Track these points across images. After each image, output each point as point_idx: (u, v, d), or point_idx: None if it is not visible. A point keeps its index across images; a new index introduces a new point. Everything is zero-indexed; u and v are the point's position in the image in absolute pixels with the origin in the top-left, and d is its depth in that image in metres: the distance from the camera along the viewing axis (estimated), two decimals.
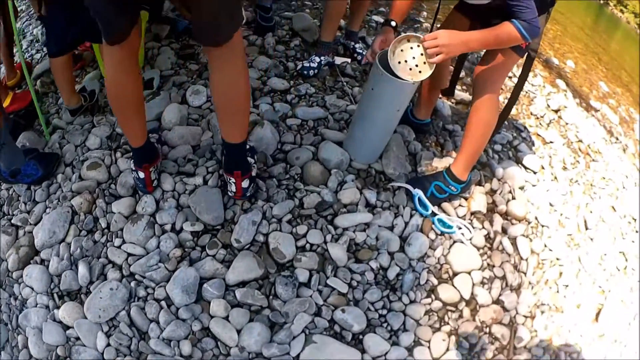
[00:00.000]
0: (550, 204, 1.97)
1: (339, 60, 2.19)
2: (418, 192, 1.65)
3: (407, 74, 1.44)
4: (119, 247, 1.41)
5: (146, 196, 1.48)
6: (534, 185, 2.01)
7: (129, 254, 1.40)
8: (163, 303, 1.34)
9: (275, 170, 1.60)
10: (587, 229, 1.98)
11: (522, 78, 1.66)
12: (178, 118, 1.68)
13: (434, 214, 1.66)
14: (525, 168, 2.09)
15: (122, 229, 1.43)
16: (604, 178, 2.31)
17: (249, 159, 1.52)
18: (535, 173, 2.08)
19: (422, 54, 1.41)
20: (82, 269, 1.38)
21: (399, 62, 1.43)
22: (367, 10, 2.45)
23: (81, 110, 1.74)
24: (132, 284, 1.36)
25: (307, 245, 1.47)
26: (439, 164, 1.83)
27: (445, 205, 1.72)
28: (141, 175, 1.44)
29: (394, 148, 1.74)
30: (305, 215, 1.53)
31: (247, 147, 1.54)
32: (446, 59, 1.41)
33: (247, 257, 1.40)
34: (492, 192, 1.88)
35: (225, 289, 1.36)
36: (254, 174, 1.50)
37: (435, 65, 1.40)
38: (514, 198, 1.88)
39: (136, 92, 1.29)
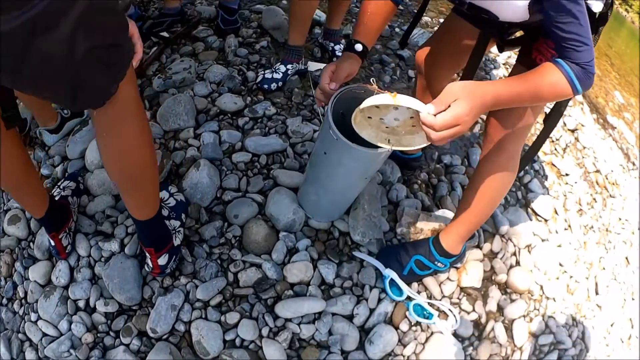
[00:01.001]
0: (560, 264, 1.61)
1: (313, 66, 1.66)
2: (390, 274, 1.24)
3: (381, 137, 0.94)
4: (35, 322, 1.27)
5: (61, 262, 1.30)
6: (543, 241, 1.61)
7: (44, 334, 1.27)
8: None
9: (207, 231, 1.30)
10: (597, 294, 1.66)
11: (547, 130, 1.07)
12: (99, 160, 1.39)
13: (409, 298, 1.25)
14: (536, 214, 1.70)
15: (37, 301, 1.30)
16: (620, 219, 2.03)
17: (172, 222, 1.23)
18: (546, 221, 1.69)
19: (411, 117, 0.89)
20: (2, 345, 1.26)
21: (369, 117, 0.92)
22: (350, 2, 1.76)
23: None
24: None
25: (238, 340, 1.21)
26: (426, 224, 1.40)
27: (427, 279, 1.30)
28: (52, 242, 1.24)
29: (364, 205, 1.30)
30: (239, 296, 1.25)
31: (167, 212, 1.23)
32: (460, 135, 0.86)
33: (162, 351, 1.19)
34: (491, 255, 1.44)
35: None
36: (177, 242, 1.22)
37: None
38: (517, 263, 1.52)
39: (16, 162, 1.01)
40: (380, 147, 0.95)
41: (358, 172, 1.08)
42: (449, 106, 0.77)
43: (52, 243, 1.25)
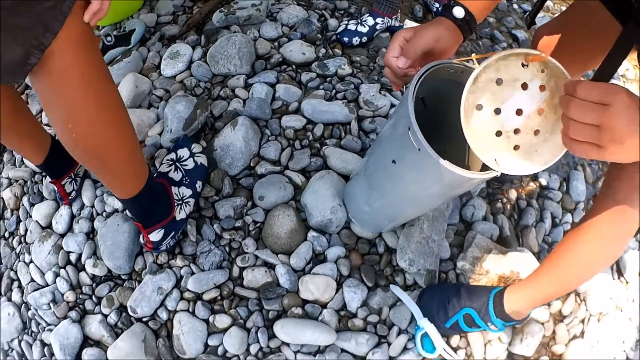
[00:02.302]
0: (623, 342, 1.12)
1: (409, 25, 1.26)
2: (425, 326, 0.91)
3: (490, 150, 0.58)
4: (28, 264, 1.17)
5: (64, 207, 1.16)
6: (617, 309, 1.14)
7: (32, 279, 1.15)
8: (47, 350, 1.10)
9: (223, 208, 1.05)
10: None
11: None
12: (129, 96, 1.20)
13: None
14: (620, 273, 1.22)
15: (34, 243, 1.18)
16: None
17: (181, 189, 1.02)
18: (627, 283, 1.22)
19: (541, 110, 0.57)
20: None
21: (479, 108, 0.58)
22: None
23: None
24: (29, 313, 1.15)
25: (220, 349, 0.97)
26: (496, 264, 1.00)
27: (472, 334, 0.96)
28: (55, 187, 1.11)
29: (424, 224, 0.96)
30: (239, 296, 1.00)
31: (179, 176, 1.02)
32: (591, 156, 0.52)
33: (136, 336, 0.99)
34: (559, 317, 1.07)
35: None
36: (181, 215, 1.00)
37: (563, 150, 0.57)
38: (582, 335, 1.11)
39: (7, 111, 0.86)
40: (489, 171, 0.61)
41: (437, 195, 0.73)
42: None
43: (56, 188, 1.11)
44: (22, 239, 1.20)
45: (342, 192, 1.03)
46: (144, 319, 1.02)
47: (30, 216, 1.19)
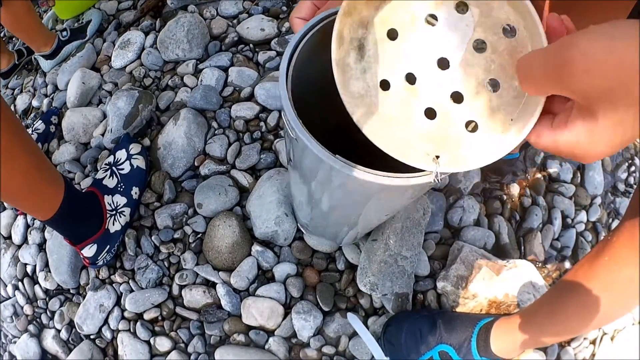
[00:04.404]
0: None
1: None
2: None
3: (422, 144, 0.37)
4: None
5: (20, 217, 1.10)
6: (634, 325, 0.87)
7: None
8: None
9: (162, 217, 0.92)
10: None
11: None
12: (77, 95, 1.10)
13: None
14: None
15: None
16: None
17: (115, 198, 0.91)
18: None
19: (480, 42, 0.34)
20: None
21: (385, 87, 0.37)
22: None
23: (15, 71, 1.35)
24: None
25: None
26: (486, 286, 0.80)
27: None
28: None
29: (389, 238, 0.76)
30: (181, 317, 0.88)
31: (113, 183, 0.91)
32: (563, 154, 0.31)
33: (82, 354, 0.91)
34: (565, 340, 0.79)
35: None
36: (116, 226, 0.90)
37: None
38: (592, 357, 0.86)
39: None
40: (416, 167, 0.37)
41: (363, 207, 0.54)
42: None
43: None
44: None
45: (290, 197, 0.85)
46: (91, 337, 0.95)
47: None
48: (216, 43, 1.10)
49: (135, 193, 0.93)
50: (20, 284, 1.06)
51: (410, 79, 0.37)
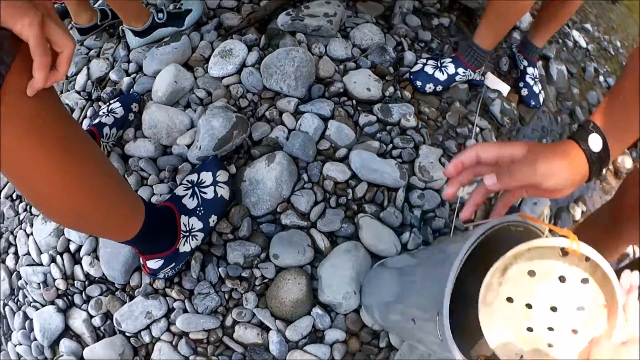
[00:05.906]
0: None
1: (492, 82, 1.14)
2: None
3: (511, 348, 0.53)
4: (28, 236, 1.12)
5: None
6: None
7: (28, 252, 1.12)
8: (27, 324, 1.08)
9: (234, 253, 0.97)
10: None
11: None
12: (167, 91, 1.08)
13: None
14: None
15: (38, 216, 1.13)
16: None
17: (191, 220, 0.93)
18: None
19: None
20: None
21: (509, 299, 0.53)
22: (568, 18, 1.15)
23: (95, 31, 1.28)
24: (19, 283, 1.12)
25: None
26: None
27: None
28: None
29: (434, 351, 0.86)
30: (225, 345, 0.95)
31: (193, 205, 0.94)
32: None
33: (113, 348, 0.95)
34: None
35: None
36: (186, 248, 0.93)
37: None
38: None
39: None
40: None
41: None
42: None
43: None
44: (29, 207, 1.15)
45: (363, 275, 0.94)
46: (127, 334, 1.00)
47: None
48: (320, 87, 1.12)
49: (213, 221, 0.96)
50: (59, 257, 1.06)
51: (529, 305, 0.52)
